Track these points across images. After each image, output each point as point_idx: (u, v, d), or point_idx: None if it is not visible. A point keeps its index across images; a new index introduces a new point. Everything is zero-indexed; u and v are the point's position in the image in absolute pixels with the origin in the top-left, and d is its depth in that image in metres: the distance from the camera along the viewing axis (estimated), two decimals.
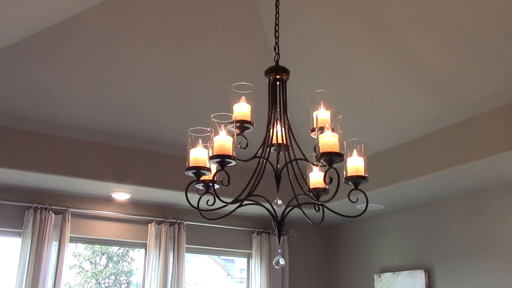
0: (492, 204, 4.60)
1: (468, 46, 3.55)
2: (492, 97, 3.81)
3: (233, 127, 2.22)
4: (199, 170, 2.16)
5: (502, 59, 3.52)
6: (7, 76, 4.03)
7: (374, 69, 4.08)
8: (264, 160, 2.30)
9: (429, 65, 3.82)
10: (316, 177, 2.43)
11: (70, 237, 4.92)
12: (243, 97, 2.41)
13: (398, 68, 3.97)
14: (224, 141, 2.12)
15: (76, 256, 7.09)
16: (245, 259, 6.05)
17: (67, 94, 4.31)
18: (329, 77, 4.28)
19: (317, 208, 2.36)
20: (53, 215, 4.86)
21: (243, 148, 2.31)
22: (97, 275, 7.31)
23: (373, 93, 4.31)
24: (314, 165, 2.36)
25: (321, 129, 2.17)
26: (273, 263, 2.26)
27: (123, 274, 7.38)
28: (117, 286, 7.47)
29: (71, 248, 6.77)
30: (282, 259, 2.23)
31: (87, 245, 6.80)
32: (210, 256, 7.36)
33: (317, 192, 2.39)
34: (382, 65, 4.00)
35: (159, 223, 5.36)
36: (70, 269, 6.93)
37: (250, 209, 2.81)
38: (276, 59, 2.52)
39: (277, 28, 2.61)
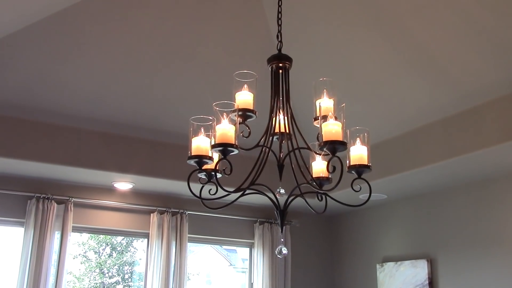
0: (495, 194, 4.58)
1: (472, 34, 3.52)
2: (496, 85, 3.78)
3: (235, 115, 2.20)
4: (201, 159, 2.14)
5: (507, 47, 3.49)
6: (9, 65, 4.02)
7: (377, 57, 4.05)
8: (267, 149, 2.28)
9: (432, 54, 3.79)
10: (319, 166, 2.42)
11: (72, 226, 4.93)
12: (245, 86, 2.39)
13: (401, 57, 3.94)
14: (226, 129, 2.11)
15: (80, 246, 7.12)
16: (248, 249, 6.05)
17: (68, 84, 4.29)
18: (332, 65, 4.25)
19: (320, 197, 2.34)
20: (55, 204, 4.86)
21: (246, 137, 2.30)
22: (101, 265, 7.34)
23: (376, 82, 4.29)
24: (317, 154, 2.35)
25: (324, 118, 2.16)
26: (276, 252, 2.26)
27: (126, 264, 7.41)
28: (121, 276, 7.50)
29: (76, 238, 6.80)
30: (284, 248, 2.22)
31: (91, 235, 6.81)
32: (212, 246, 7.38)
33: (320, 181, 2.37)
34: (386, 53, 3.97)
35: (161, 212, 5.36)
36: (74, 258, 6.96)
37: (253, 198, 2.80)
38: (278, 47, 2.50)
39: (279, 16, 2.59)
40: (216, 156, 2.20)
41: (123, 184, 5.12)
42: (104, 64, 4.19)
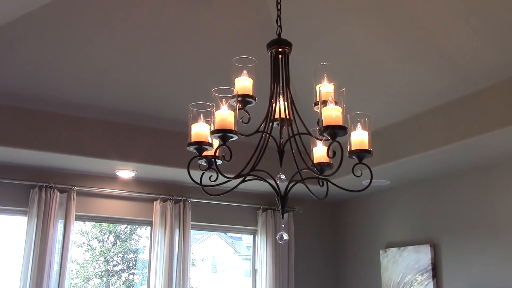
0: (498, 179, 4.56)
1: (475, 17, 3.48)
2: (499, 69, 3.75)
3: (234, 101, 2.18)
4: (201, 146, 2.14)
5: (510, 31, 3.45)
6: (10, 54, 4.00)
7: (379, 41, 4.01)
8: (267, 135, 2.27)
9: (435, 37, 3.75)
10: (319, 151, 2.40)
11: (75, 215, 4.94)
12: (244, 71, 2.38)
13: (403, 40, 3.90)
14: (225, 115, 2.09)
15: (84, 235, 7.14)
16: (251, 236, 6.06)
17: (69, 72, 4.27)
18: (332, 50, 4.22)
19: (320, 183, 2.33)
20: (58, 193, 4.87)
21: (245, 123, 2.28)
22: (105, 253, 7.36)
23: (378, 66, 4.25)
24: (318, 139, 2.33)
25: (324, 103, 2.14)
26: (277, 237, 2.26)
27: (130, 252, 7.44)
28: (125, 263, 7.53)
29: (79, 226, 6.82)
30: (285, 234, 2.22)
31: (95, 223, 6.83)
32: (218, 234, 7.39)
33: (321, 167, 2.36)
34: (387, 37, 3.93)
35: (164, 200, 5.37)
36: (78, 247, 6.99)
37: (255, 185, 2.79)
38: (278, 32, 2.47)
39: (279, 0, 2.56)
40: (215, 142, 2.19)
41: (126, 172, 5.12)
42: (106, 53, 4.17)
